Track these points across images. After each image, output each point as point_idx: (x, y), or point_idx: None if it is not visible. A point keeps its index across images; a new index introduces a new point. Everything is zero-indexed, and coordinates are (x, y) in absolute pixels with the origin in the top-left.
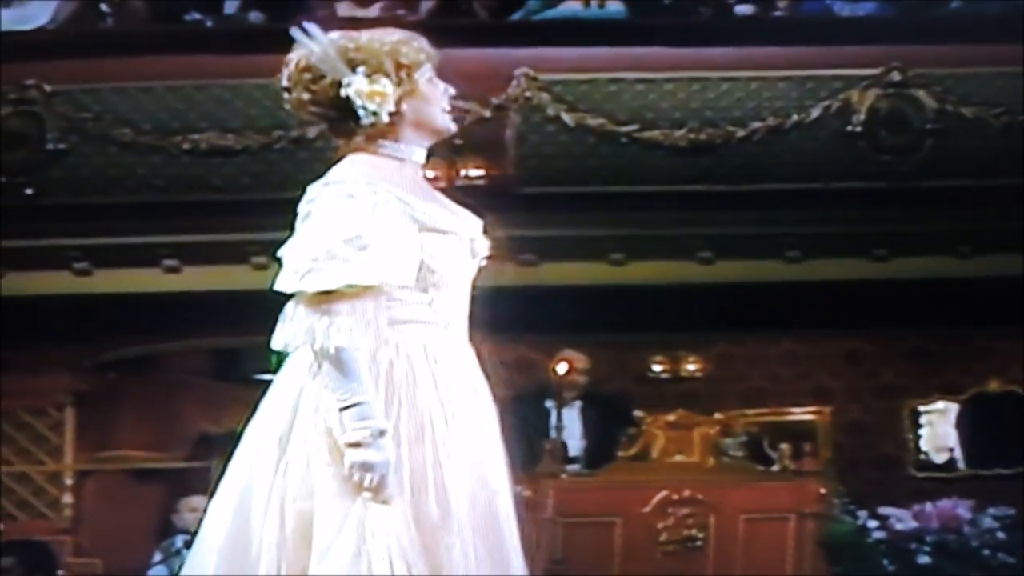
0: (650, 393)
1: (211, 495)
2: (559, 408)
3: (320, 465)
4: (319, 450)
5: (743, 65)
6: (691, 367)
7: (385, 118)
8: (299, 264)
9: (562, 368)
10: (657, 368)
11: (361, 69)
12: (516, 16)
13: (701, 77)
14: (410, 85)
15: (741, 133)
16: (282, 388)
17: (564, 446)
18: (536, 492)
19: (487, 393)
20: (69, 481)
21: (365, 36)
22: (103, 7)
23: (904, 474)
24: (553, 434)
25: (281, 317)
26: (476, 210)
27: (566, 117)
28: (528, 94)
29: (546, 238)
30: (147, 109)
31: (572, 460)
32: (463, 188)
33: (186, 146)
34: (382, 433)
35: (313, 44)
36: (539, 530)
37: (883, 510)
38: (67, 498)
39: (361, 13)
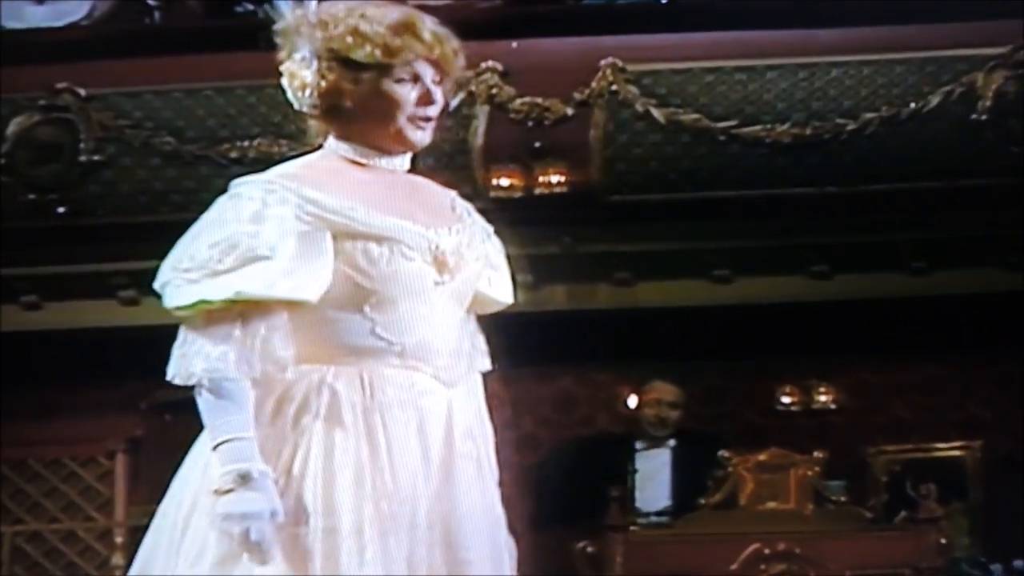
0: (778, 429)
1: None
2: (627, 448)
3: (215, 522)
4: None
5: (853, 48)
6: (823, 398)
7: (303, 109)
8: (161, 275)
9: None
10: (786, 400)
11: (306, 48)
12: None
13: (807, 63)
14: (349, 82)
15: (852, 126)
16: (203, 436)
17: (634, 494)
18: (601, 547)
19: (482, 440)
20: (120, 539)
21: (341, 10)
22: (150, 1)
23: None
24: (633, 479)
25: None
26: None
27: (656, 113)
28: (614, 88)
29: (640, 253)
30: (194, 115)
31: (661, 512)
32: (543, 197)
33: (234, 155)
34: (245, 477)
35: (287, 11)
36: None
37: (1020, 563)
38: (118, 558)
39: (432, 1)
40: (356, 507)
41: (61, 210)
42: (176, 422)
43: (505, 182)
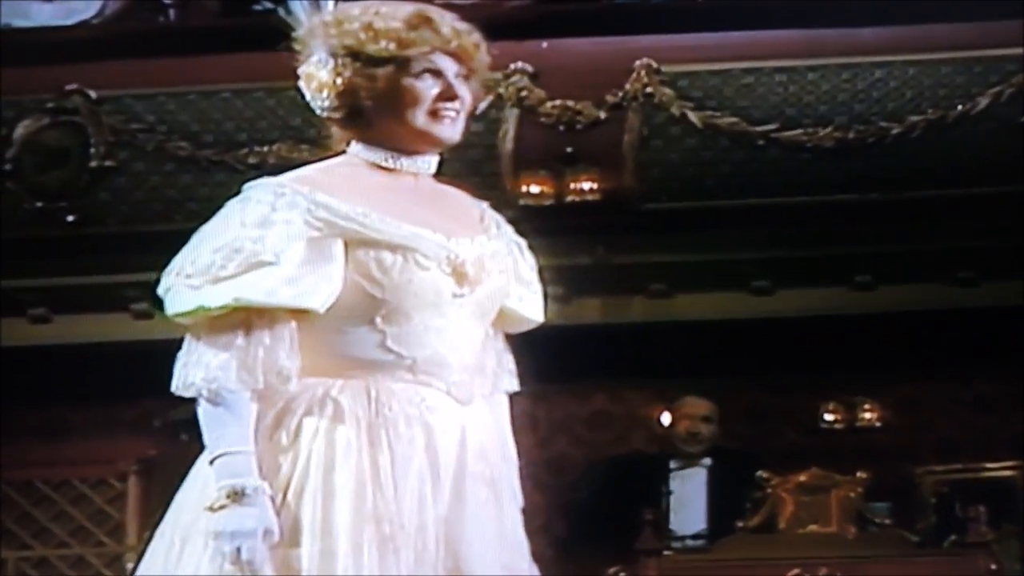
0: (819, 448)
1: None
2: (662, 468)
3: (207, 541)
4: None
5: (898, 48)
6: (867, 415)
7: (323, 113)
8: (164, 281)
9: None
10: (829, 418)
11: (321, 49)
12: None
13: (850, 64)
14: (365, 79)
15: (897, 129)
16: (203, 456)
17: (669, 516)
18: (634, 573)
19: (501, 462)
20: (131, 565)
21: (355, 8)
22: None
23: None
24: (667, 501)
25: None
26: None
27: (693, 116)
28: (649, 90)
29: (676, 264)
30: (210, 118)
31: (696, 536)
32: (574, 205)
33: (252, 160)
34: (239, 493)
35: (303, 14)
36: None
37: None
38: None
39: None
40: (355, 528)
41: (70, 218)
42: (192, 442)
43: (535, 189)
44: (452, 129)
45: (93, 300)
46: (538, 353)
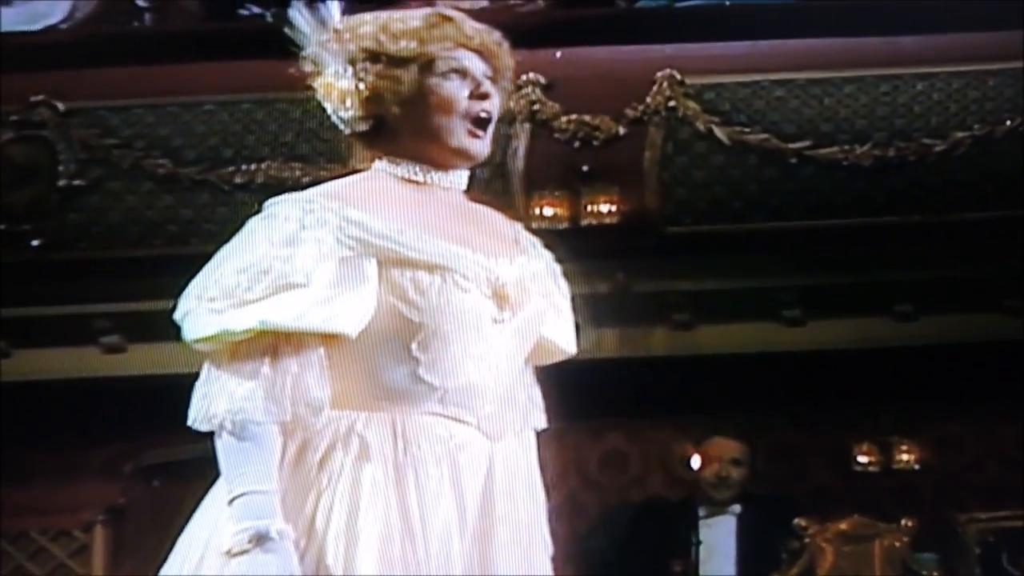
0: (854, 491)
1: None
2: (688, 515)
3: None
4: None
5: (941, 58)
6: (904, 457)
7: (349, 127)
8: (182, 304)
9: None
10: (862, 460)
11: (338, 59)
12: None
13: (889, 75)
14: (389, 82)
15: (940, 146)
16: (215, 487)
17: (698, 569)
18: None
19: (529, 504)
20: None
21: (368, 15)
22: (140, 1)
23: None
24: (696, 552)
25: None
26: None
27: (720, 132)
28: (672, 103)
29: (701, 292)
30: (192, 132)
31: None
32: (591, 228)
33: (239, 179)
34: (262, 537)
35: (306, 27)
36: None
37: None
38: None
39: (466, 4)
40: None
41: (36, 242)
42: (165, 489)
43: (549, 211)
44: (483, 144)
45: (58, 332)
46: (549, 388)
